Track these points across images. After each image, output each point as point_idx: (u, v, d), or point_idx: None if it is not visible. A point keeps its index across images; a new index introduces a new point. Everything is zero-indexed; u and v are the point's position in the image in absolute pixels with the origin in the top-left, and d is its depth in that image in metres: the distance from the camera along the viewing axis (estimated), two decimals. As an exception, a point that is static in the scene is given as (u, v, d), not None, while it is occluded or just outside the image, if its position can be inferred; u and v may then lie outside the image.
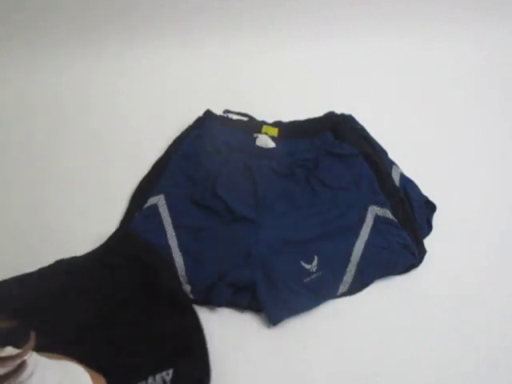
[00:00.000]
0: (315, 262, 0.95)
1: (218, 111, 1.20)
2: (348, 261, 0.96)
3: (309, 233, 0.99)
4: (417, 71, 1.31)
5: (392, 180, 1.04)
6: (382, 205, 1.00)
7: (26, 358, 0.51)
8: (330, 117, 1.14)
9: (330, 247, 0.97)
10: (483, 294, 0.94)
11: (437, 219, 1.02)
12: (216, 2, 1.33)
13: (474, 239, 1.01)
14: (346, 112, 1.14)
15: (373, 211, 1.00)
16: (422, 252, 0.97)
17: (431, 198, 1.03)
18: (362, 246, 0.97)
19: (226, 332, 0.92)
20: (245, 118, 1.19)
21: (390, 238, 0.97)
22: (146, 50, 1.38)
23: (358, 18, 1.36)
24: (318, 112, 1.15)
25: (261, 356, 0.89)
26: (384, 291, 0.95)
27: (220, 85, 1.30)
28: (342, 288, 0.95)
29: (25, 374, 0.50)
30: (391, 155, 1.10)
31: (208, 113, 1.16)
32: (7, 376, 0.48)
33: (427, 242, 0.99)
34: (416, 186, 1.05)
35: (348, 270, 0.96)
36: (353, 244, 0.97)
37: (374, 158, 1.05)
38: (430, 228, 1.01)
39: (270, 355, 0.89)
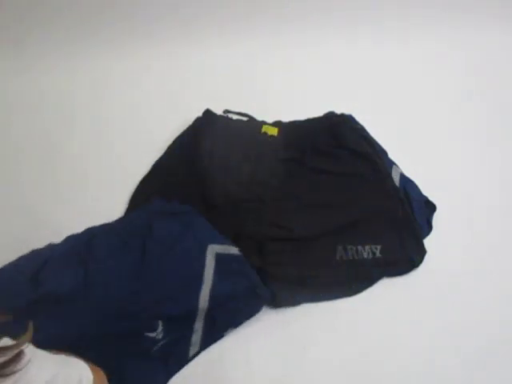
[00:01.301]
0: (160, 329, 0.86)
1: (218, 111, 1.20)
2: (194, 319, 0.87)
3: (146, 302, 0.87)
4: (417, 71, 1.31)
5: (392, 180, 1.04)
6: (221, 241, 0.91)
7: (23, 347, 0.54)
8: (330, 117, 1.14)
9: (173, 307, 0.87)
10: (483, 294, 0.93)
11: (437, 219, 1.02)
12: (217, 3, 1.33)
13: (474, 239, 1.00)
14: (346, 112, 1.14)
15: (212, 250, 0.90)
16: (422, 252, 0.97)
17: (431, 198, 1.03)
18: (207, 298, 0.87)
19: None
20: (245, 118, 1.19)
21: (235, 281, 0.89)
22: (146, 51, 1.38)
23: (358, 18, 1.36)
24: (318, 112, 1.15)
25: (261, 356, 0.89)
26: (384, 291, 0.94)
27: (220, 85, 1.30)
28: (193, 349, 0.87)
29: (22, 362, 0.53)
30: (391, 155, 1.10)
31: (207, 112, 1.16)
32: (6, 364, 0.51)
33: (427, 242, 0.99)
34: (416, 186, 1.05)
35: (195, 329, 0.87)
36: (197, 296, 0.87)
37: (373, 157, 1.05)
38: (430, 228, 1.01)
39: (270, 355, 0.89)
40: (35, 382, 0.54)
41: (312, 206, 1.01)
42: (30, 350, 0.56)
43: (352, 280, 0.95)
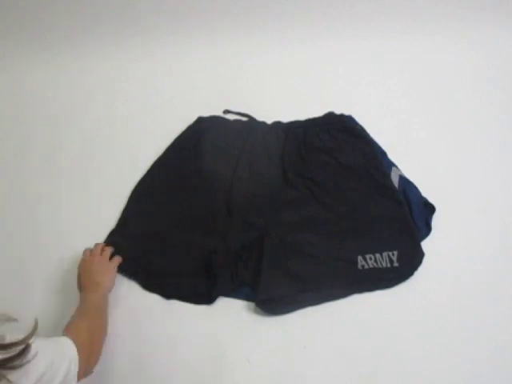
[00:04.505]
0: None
1: (218, 111, 1.20)
2: None
3: None
4: (417, 72, 1.31)
5: (391, 181, 1.04)
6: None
7: (29, 342, 0.57)
8: (330, 117, 1.14)
9: None
10: (483, 294, 0.94)
11: (437, 220, 1.02)
12: (217, 3, 1.33)
13: (474, 240, 1.00)
14: (346, 112, 1.14)
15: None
16: (420, 254, 0.97)
17: (431, 199, 1.03)
18: None
19: (227, 332, 0.92)
20: (244, 118, 1.19)
21: None
22: (145, 51, 1.38)
23: (358, 18, 1.35)
24: (318, 112, 1.15)
25: (261, 356, 0.89)
26: (384, 291, 0.95)
27: (220, 85, 1.29)
28: None
29: (29, 356, 0.56)
30: (391, 155, 1.10)
31: (200, 119, 1.17)
32: (13, 358, 0.54)
33: (427, 242, 0.99)
34: (415, 188, 1.05)
35: None
36: None
37: (373, 159, 1.07)
38: (429, 229, 1.01)
39: (270, 355, 0.89)
40: (33, 371, 0.56)
41: (311, 218, 1.02)
42: (36, 344, 0.58)
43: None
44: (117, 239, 1.02)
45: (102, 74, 1.36)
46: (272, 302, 0.92)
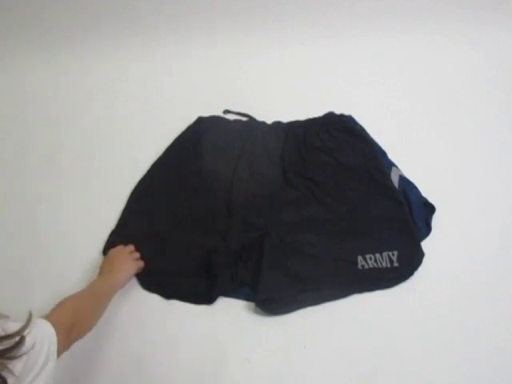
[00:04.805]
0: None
1: (218, 111, 1.20)
2: None
3: None
4: (417, 72, 1.31)
5: (391, 182, 1.04)
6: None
7: (24, 334, 0.56)
8: (330, 117, 1.14)
9: None
10: (483, 294, 0.94)
11: (437, 220, 1.02)
12: (218, 2, 1.33)
13: (474, 240, 1.00)
14: (346, 112, 1.14)
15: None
16: (420, 254, 0.97)
17: (431, 199, 1.03)
18: None
19: (227, 332, 0.92)
20: (244, 118, 1.19)
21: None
22: (145, 51, 1.38)
23: (358, 18, 1.35)
24: (318, 112, 1.15)
25: (261, 356, 0.89)
26: (384, 291, 0.95)
27: (220, 85, 1.29)
28: None
29: (26, 346, 0.56)
30: (391, 155, 1.10)
31: (200, 119, 1.17)
32: (9, 350, 0.53)
33: (427, 242, 0.99)
34: (415, 188, 1.05)
35: None
36: None
37: (372, 158, 1.06)
38: (429, 229, 1.01)
39: (270, 355, 0.89)
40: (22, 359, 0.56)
41: (311, 218, 1.02)
42: (32, 335, 0.58)
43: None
44: (117, 239, 1.02)
45: (102, 74, 1.36)
46: (272, 302, 0.92)
